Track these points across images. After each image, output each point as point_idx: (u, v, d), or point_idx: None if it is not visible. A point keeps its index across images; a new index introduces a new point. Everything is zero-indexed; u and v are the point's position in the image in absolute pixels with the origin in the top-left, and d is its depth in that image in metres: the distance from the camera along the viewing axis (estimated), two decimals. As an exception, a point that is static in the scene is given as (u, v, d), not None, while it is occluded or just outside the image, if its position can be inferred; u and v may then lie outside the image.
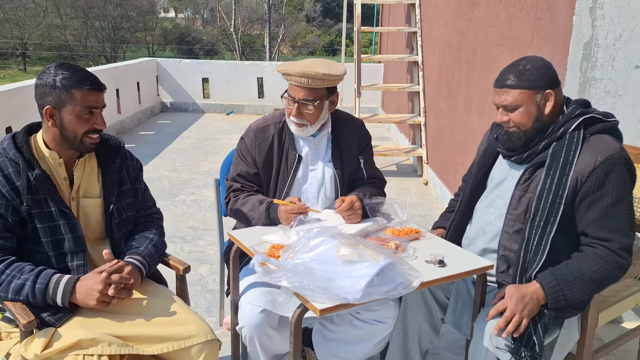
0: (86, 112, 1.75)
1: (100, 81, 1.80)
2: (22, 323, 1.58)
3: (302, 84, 2.09)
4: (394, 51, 8.07)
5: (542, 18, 2.93)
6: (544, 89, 1.84)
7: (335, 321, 2.21)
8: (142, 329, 1.72)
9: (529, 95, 1.83)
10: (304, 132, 2.20)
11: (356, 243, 1.66)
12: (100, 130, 1.82)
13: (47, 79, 1.73)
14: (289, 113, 2.20)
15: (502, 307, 1.77)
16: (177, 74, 9.71)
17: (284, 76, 2.14)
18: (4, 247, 1.69)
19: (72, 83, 1.72)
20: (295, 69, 2.07)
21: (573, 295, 1.77)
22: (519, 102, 1.84)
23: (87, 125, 1.77)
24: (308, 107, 2.14)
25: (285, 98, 2.20)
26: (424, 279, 1.64)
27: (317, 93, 2.13)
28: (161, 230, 2.09)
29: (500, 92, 1.88)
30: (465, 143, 4.32)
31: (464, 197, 2.14)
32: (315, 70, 2.06)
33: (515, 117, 1.86)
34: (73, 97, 1.72)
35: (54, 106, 1.74)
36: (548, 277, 1.79)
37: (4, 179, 1.70)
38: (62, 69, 1.74)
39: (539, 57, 1.89)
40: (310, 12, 39.15)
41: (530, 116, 1.85)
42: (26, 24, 30.34)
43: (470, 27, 4.26)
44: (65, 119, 1.74)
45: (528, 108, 1.84)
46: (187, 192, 5.18)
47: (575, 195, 1.80)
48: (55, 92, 1.72)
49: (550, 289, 1.77)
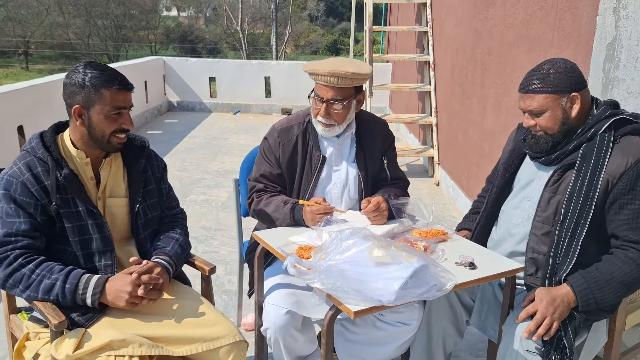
0: (115, 111, 1.74)
1: (128, 80, 1.79)
2: (53, 323, 1.57)
3: (331, 83, 2.07)
4: (403, 51, 8.05)
5: (563, 18, 2.91)
6: (569, 92, 1.82)
7: (357, 323, 2.19)
8: (171, 329, 1.71)
9: (554, 99, 1.82)
10: (330, 132, 2.18)
11: (388, 244, 1.65)
12: (128, 129, 1.81)
13: (76, 78, 1.71)
14: (315, 113, 2.17)
15: (533, 309, 1.76)
16: (184, 73, 9.69)
17: (311, 76, 2.12)
18: (33, 246, 1.68)
19: (101, 82, 1.71)
20: (325, 68, 2.05)
21: (604, 298, 1.75)
22: (544, 106, 1.83)
23: (114, 125, 1.76)
24: (337, 107, 2.12)
25: (312, 98, 2.18)
26: (457, 281, 1.63)
27: (345, 92, 2.12)
28: (186, 230, 2.08)
29: (525, 97, 1.87)
30: (480, 144, 4.30)
31: (490, 199, 2.13)
32: (344, 70, 2.04)
33: (542, 121, 1.85)
34: (102, 97, 1.71)
35: (83, 105, 1.72)
36: (579, 280, 1.77)
37: (33, 178, 1.69)
38: (90, 67, 1.73)
39: (562, 60, 1.87)
40: (314, 11, 39.10)
41: (557, 120, 1.84)
42: (29, 22, 30.33)
43: (485, 26, 4.24)
44: (93, 118, 1.73)
45: (554, 112, 1.83)
46: (197, 192, 5.17)
47: (605, 198, 1.79)
48: (84, 92, 1.71)
49: (581, 291, 1.75)
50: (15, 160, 1.73)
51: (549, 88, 1.82)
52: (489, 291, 2.10)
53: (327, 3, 41.68)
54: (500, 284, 2.10)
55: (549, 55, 3.06)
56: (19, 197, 1.67)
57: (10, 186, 1.68)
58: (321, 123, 2.16)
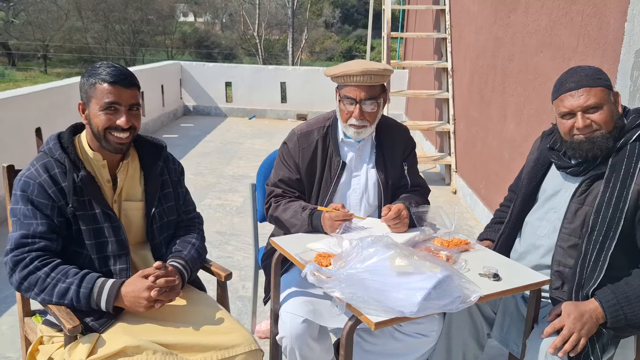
0: (107, 106, 1.69)
1: (129, 78, 1.74)
2: (67, 328, 1.54)
3: (364, 82, 2.05)
4: (420, 57, 8.01)
5: (589, 24, 2.84)
6: (612, 89, 1.78)
7: (375, 333, 2.14)
8: (185, 336, 1.67)
9: (607, 93, 1.77)
10: (363, 133, 2.15)
11: (411, 254, 1.60)
12: (123, 128, 1.72)
13: (85, 76, 1.72)
14: (347, 117, 2.12)
15: (560, 324, 1.69)
16: (201, 78, 9.73)
17: (339, 79, 2.10)
18: (50, 248, 1.65)
19: (98, 78, 1.69)
20: (357, 68, 2.03)
21: (634, 315, 1.68)
22: (602, 100, 1.75)
23: (108, 122, 1.70)
24: (371, 106, 2.10)
25: (341, 102, 2.13)
26: (482, 293, 1.57)
27: (376, 90, 2.10)
28: (202, 235, 2.04)
29: (578, 93, 1.76)
30: (499, 152, 4.23)
31: (514, 209, 2.07)
32: (376, 67, 2.03)
33: (599, 117, 1.76)
34: (96, 91, 1.69)
35: (85, 101, 1.73)
36: (608, 295, 1.70)
37: (50, 179, 1.67)
38: (102, 66, 1.72)
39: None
40: (329, 18, 39.17)
41: (613, 115, 1.77)
42: (48, 26, 30.80)
43: (507, 33, 4.18)
44: (90, 113, 1.72)
45: (610, 107, 1.77)
46: (212, 196, 5.15)
47: (636, 210, 1.72)
48: (84, 87, 1.72)
49: (610, 307, 1.69)
50: (33, 162, 1.71)
51: (600, 82, 1.76)
52: (511, 304, 2.03)
53: (343, 10, 41.75)
54: (524, 296, 2.04)
55: (572, 62, 2.99)
56: (36, 199, 1.65)
57: (28, 187, 1.66)
58: (353, 126, 2.12)
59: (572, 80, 1.78)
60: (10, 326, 2.84)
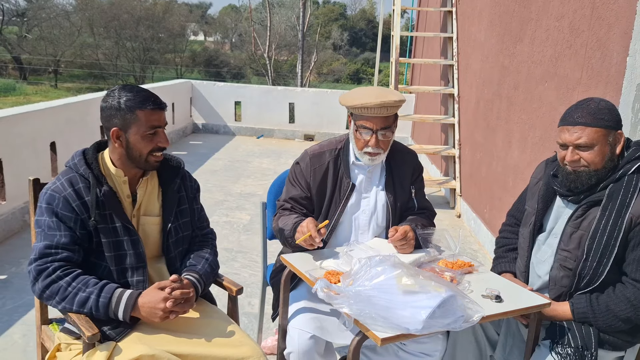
0: (150, 131, 1.80)
1: (162, 100, 1.86)
2: (87, 335, 1.61)
3: (380, 114, 2.11)
4: (427, 82, 8.12)
5: (592, 57, 2.94)
6: (616, 129, 1.84)
7: (378, 351, 2.19)
8: (198, 347, 1.74)
9: (604, 134, 1.83)
10: (377, 160, 2.22)
11: (417, 273, 1.67)
12: (164, 147, 1.86)
13: (112, 102, 1.78)
14: (362, 145, 2.18)
15: None
16: (211, 96, 9.87)
17: (356, 109, 2.13)
18: (72, 259, 1.73)
19: (136, 104, 1.77)
20: (374, 101, 2.07)
21: (598, 325, 1.84)
22: (594, 140, 1.82)
23: (151, 144, 1.82)
24: (387, 135, 2.17)
25: (357, 131, 2.18)
26: (484, 313, 1.63)
27: (391, 120, 2.17)
28: (215, 251, 2.12)
29: (574, 129, 1.85)
30: (504, 178, 4.31)
31: (527, 236, 2.11)
32: (392, 99, 2.08)
33: (588, 156, 1.84)
34: (137, 118, 1.78)
35: (120, 127, 1.79)
36: (581, 303, 1.87)
37: (75, 193, 1.75)
38: (125, 90, 1.80)
39: (602, 99, 1.90)
40: (337, 41, 39.64)
41: (603, 156, 1.84)
42: (60, 42, 31.31)
43: (512, 62, 4.28)
44: (131, 139, 1.80)
45: (602, 147, 1.83)
46: (220, 214, 5.23)
47: (627, 238, 1.80)
48: (120, 114, 1.78)
49: (580, 314, 1.86)
50: (59, 176, 1.80)
51: (600, 122, 1.82)
52: (513, 325, 2.09)
53: (351, 33, 42.23)
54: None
55: (576, 93, 3.08)
56: (61, 212, 1.73)
57: (53, 200, 1.74)
58: (369, 154, 2.18)
59: (575, 114, 1.86)
60: (22, 335, 2.90)
